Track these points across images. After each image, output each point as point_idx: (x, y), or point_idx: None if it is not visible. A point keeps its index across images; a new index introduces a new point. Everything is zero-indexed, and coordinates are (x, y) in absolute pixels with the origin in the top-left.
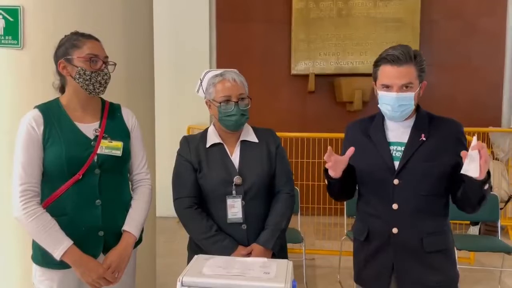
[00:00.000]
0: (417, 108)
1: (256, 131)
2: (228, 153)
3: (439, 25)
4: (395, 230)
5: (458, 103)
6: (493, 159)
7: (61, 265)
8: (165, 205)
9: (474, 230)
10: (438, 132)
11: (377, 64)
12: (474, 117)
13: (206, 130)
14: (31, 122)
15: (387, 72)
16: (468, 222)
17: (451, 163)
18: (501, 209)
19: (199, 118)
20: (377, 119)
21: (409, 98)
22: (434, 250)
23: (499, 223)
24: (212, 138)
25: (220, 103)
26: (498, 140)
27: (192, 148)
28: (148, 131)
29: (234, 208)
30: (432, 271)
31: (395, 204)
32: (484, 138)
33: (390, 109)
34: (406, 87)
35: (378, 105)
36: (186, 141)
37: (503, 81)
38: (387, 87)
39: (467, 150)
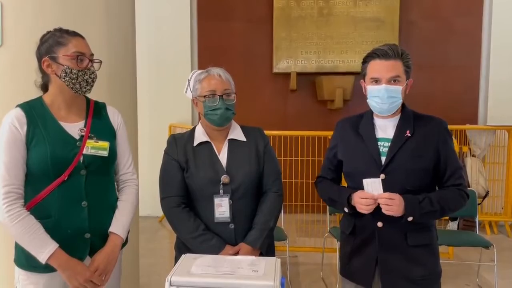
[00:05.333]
0: (403, 106)
1: (244, 129)
2: (216, 151)
3: (417, 25)
4: (380, 224)
5: (436, 102)
6: (471, 156)
7: (46, 268)
8: (146, 205)
9: (453, 225)
10: (422, 129)
11: (365, 60)
12: (451, 115)
13: (194, 129)
14: (13, 122)
15: (377, 66)
16: (447, 217)
17: (434, 158)
18: (478, 204)
19: (180, 116)
20: (366, 117)
21: (397, 91)
22: (418, 244)
23: (477, 218)
24: (200, 136)
25: (205, 97)
26: (475, 137)
27: (180, 147)
28: (131, 130)
29: (222, 207)
30: (415, 265)
31: None
32: (462, 135)
33: (379, 101)
34: (394, 80)
35: (367, 100)
36: (174, 140)
37: (479, 80)
38: (376, 81)
39: (451, 147)
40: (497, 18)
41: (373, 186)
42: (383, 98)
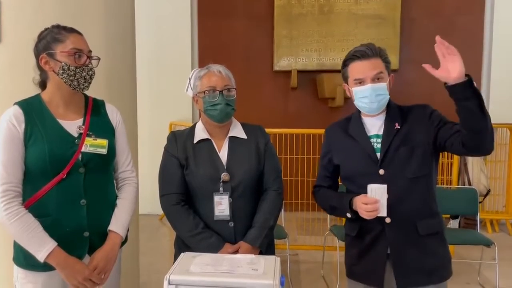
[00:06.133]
0: (388, 102)
1: (245, 127)
2: (216, 149)
3: (418, 22)
4: (388, 220)
5: (436, 99)
6: None
7: (45, 267)
8: (147, 203)
9: (454, 224)
10: (410, 118)
11: (345, 64)
12: (452, 113)
13: (194, 126)
14: (11, 120)
15: (358, 67)
16: (448, 216)
17: (429, 141)
18: (480, 202)
19: (181, 114)
20: (354, 118)
21: (383, 88)
22: (429, 233)
23: (478, 216)
24: (200, 134)
25: (204, 92)
26: None
27: (180, 144)
28: (131, 127)
29: (221, 205)
30: (428, 255)
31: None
32: None
33: (368, 101)
34: (378, 78)
35: (355, 102)
36: (174, 137)
37: (481, 78)
38: (360, 82)
39: (440, 117)
40: (499, 16)
41: (377, 192)
42: (371, 97)
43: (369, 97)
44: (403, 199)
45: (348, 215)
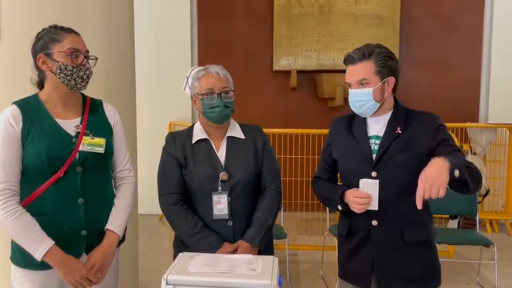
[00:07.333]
0: (396, 103)
1: (243, 127)
2: (214, 149)
3: (418, 22)
4: (374, 223)
5: (436, 99)
6: (471, 154)
7: (42, 265)
8: (147, 202)
9: (453, 224)
10: (414, 125)
11: (344, 64)
12: (452, 113)
13: (192, 126)
14: (9, 119)
15: (348, 71)
16: (447, 215)
17: (427, 153)
18: (479, 202)
19: (181, 114)
20: (359, 115)
21: (364, 94)
22: (415, 241)
23: (477, 216)
24: (198, 134)
25: (203, 95)
26: (476, 135)
27: (178, 144)
28: (130, 127)
29: (220, 205)
30: (413, 264)
31: None
32: (462, 133)
33: (351, 105)
34: (362, 84)
35: None
36: (172, 137)
37: (480, 77)
38: (349, 85)
39: (445, 138)
40: (499, 15)
41: (369, 187)
42: (352, 102)
43: (351, 101)
44: (392, 205)
45: (339, 207)
